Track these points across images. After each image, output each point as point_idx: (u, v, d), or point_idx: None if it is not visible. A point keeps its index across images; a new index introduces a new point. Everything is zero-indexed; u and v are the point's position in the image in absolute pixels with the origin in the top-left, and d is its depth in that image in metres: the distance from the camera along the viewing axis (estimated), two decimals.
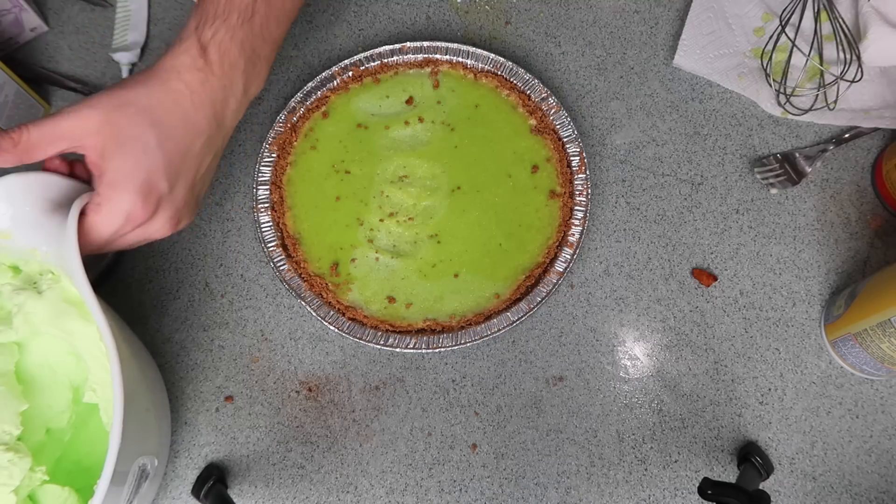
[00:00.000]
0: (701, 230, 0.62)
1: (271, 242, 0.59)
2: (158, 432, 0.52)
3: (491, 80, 0.64)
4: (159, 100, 0.46)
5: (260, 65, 0.51)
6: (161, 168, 0.46)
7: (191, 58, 0.47)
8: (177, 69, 0.47)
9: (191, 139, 0.47)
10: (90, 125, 0.44)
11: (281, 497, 0.55)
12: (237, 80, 0.49)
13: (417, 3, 0.71)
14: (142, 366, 0.51)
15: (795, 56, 0.63)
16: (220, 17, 0.48)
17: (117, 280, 0.61)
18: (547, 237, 0.60)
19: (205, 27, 0.48)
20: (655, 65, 0.68)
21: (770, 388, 0.57)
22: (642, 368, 0.58)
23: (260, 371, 0.59)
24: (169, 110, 0.46)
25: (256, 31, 0.50)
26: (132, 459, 0.44)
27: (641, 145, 0.65)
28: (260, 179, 0.61)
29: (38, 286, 0.48)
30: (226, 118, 0.50)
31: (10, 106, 0.62)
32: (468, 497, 0.55)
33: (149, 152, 0.45)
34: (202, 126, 0.48)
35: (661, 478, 0.55)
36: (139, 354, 0.52)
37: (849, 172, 0.63)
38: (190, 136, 0.47)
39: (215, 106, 0.48)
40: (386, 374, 0.58)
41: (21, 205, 0.45)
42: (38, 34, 0.70)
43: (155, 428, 0.51)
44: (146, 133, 0.45)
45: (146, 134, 0.45)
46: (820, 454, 0.56)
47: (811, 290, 0.60)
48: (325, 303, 0.58)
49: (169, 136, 0.46)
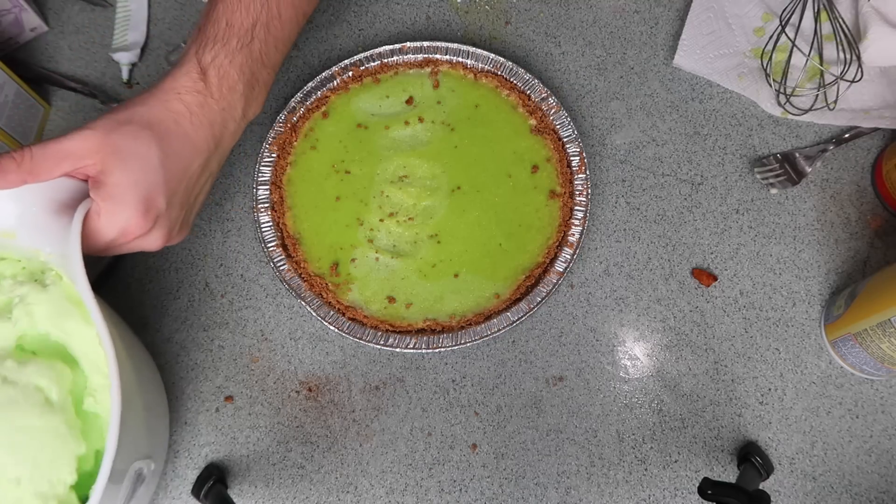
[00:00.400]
0: (701, 230, 0.62)
1: (271, 242, 0.59)
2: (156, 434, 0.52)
3: (491, 80, 0.64)
4: (160, 119, 0.47)
5: (258, 88, 0.52)
6: (161, 185, 0.46)
7: (191, 80, 0.48)
8: (177, 90, 0.48)
9: (189, 159, 0.48)
10: (91, 144, 0.45)
11: (281, 497, 0.55)
12: (236, 103, 0.50)
13: (417, 3, 0.71)
14: (140, 368, 0.50)
15: (795, 56, 0.63)
16: (219, 42, 0.49)
17: (117, 280, 0.61)
18: (547, 237, 0.60)
19: (205, 51, 0.49)
20: (655, 65, 0.68)
21: (770, 388, 0.57)
22: (642, 368, 0.58)
23: (260, 371, 0.59)
24: (169, 130, 0.47)
25: (255, 55, 0.51)
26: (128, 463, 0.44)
27: (641, 145, 0.65)
28: (260, 179, 0.61)
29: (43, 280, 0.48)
30: (224, 140, 0.51)
31: (10, 106, 0.62)
32: (468, 497, 0.55)
33: (150, 169, 0.46)
34: (201, 147, 0.49)
35: (661, 478, 0.55)
36: (139, 356, 0.52)
37: (849, 172, 0.63)
38: (189, 156, 0.48)
39: (214, 128, 0.49)
40: (386, 374, 0.58)
41: (29, 204, 0.45)
42: (38, 34, 0.70)
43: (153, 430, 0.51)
44: (149, 150, 0.46)
45: (149, 151, 0.46)
46: (820, 454, 0.56)
47: (811, 290, 0.60)
48: (325, 303, 0.58)
49: (169, 154, 0.47)
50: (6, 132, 0.61)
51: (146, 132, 0.46)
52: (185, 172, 0.48)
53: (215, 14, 0.50)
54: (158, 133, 0.46)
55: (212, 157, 0.50)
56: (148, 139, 0.46)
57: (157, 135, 0.46)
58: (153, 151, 0.46)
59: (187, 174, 0.48)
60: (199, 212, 0.53)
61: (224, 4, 0.50)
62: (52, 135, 0.66)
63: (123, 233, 0.46)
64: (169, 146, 0.47)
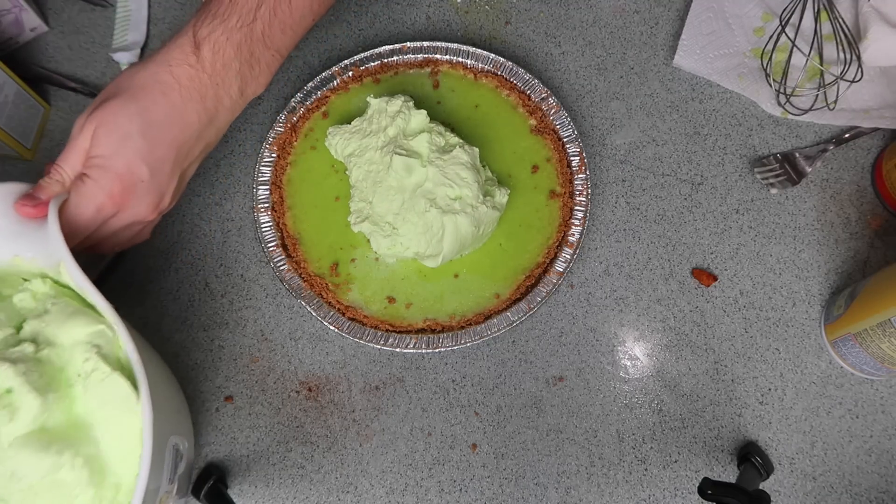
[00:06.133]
0: (701, 230, 0.62)
1: (271, 242, 0.59)
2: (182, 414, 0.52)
3: (491, 80, 0.64)
4: (147, 91, 0.48)
5: (258, 68, 0.52)
6: (143, 154, 0.48)
7: (183, 53, 0.49)
8: (168, 62, 0.48)
9: (178, 130, 0.49)
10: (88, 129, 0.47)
11: (281, 497, 0.55)
12: (231, 80, 0.50)
13: (417, 3, 0.71)
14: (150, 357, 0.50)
15: (795, 56, 0.63)
16: (219, 18, 0.49)
17: (117, 280, 0.61)
18: (547, 237, 0.60)
19: (202, 25, 0.49)
20: (655, 65, 0.68)
21: (770, 388, 0.57)
22: (642, 368, 0.58)
23: (260, 371, 0.59)
24: (156, 101, 0.48)
25: (257, 36, 0.51)
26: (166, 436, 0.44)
27: (641, 145, 0.65)
28: (260, 179, 0.61)
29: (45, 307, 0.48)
30: (219, 115, 0.51)
31: (10, 106, 0.62)
32: (468, 497, 0.55)
33: (129, 138, 0.47)
34: (191, 119, 0.49)
35: (661, 478, 0.55)
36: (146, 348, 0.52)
37: (849, 172, 0.63)
38: (177, 127, 0.49)
39: (205, 101, 0.50)
40: (386, 374, 0.58)
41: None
42: (38, 34, 0.70)
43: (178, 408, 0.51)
44: (130, 122, 0.47)
45: (130, 123, 0.47)
46: (820, 454, 0.56)
47: (811, 290, 0.60)
48: (325, 303, 0.58)
49: (153, 124, 0.48)
50: (6, 132, 0.61)
51: (130, 104, 0.47)
52: (172, 143, 0.49)
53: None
54: (144, 104, 0.47)
55: (206, 130, 0.51)
56: (132, 111, 0.47)
57: (142, 106, 0.47)
58: (135, 123, 0.47)
59: (175, 144, 0.49)
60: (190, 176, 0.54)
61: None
62: (52, 135, 0.66)
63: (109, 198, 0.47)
64: (153, 116, 0.48)
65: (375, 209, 0.56)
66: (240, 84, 0.51)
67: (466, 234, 0.55)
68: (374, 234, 0.56)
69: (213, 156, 0.63)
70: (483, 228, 0.56)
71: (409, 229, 0.55)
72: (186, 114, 0.49)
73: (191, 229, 0.63)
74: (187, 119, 0.49)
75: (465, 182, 0.55)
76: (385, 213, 0.56)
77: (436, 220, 0.54)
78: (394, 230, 0.56)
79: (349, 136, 0.59)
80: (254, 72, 0.52)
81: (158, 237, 0.62)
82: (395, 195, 0.55)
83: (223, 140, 0.64)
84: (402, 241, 0.55)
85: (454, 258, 0.58)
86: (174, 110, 0.48)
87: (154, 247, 0.62)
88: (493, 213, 0.57)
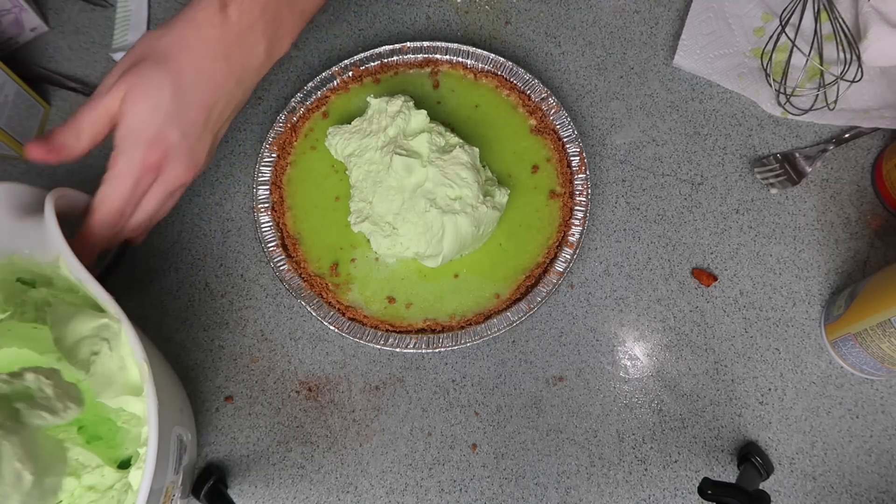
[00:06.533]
0: (701, 230, 0.62)
1: (271, 242, 0.59)
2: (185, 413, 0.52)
3: (491, 80, 0.64)
4: (174, 53, 0.48)
5: (283, 29, 0.52)
6: (174, 118, 0.48)
7: (209, 14, 0.48)
8: (196, 22, 0.48)
9: (207, 92, 0.49)
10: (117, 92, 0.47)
11: (281, 497, 0.55)
12: (257, 41, 0.50)
13: (417, 3, 0.71)
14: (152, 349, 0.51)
15: (795, 56, 0.63)
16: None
17: (118, 280, 0.61)
18: (547, 237, 0.60)
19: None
20: (655, 65, 0.68)
21: (770, 388, 0.57)
22: (642, 368, 0.58)
23: (260, 371, 0.59)
24: (183, 63, 0.48)
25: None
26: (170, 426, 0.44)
27: (641, 145, 0.65)
28: (260, 179, 0.61)
29: None
30: (246, 75, 0.51)
31: (10, 106, 0.62)
32: (468, 497, 0.55)
33: (161, 104, 0.47)
34: (219, 79, 0.49)
35: (661, 478, 0.55)
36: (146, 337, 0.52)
37: (849, 172, 0.63)
38: (206, 88, 0.49)
39: (231, 62, 0.49)
40: (386, 374, 0.58)
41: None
42: (38, 34, 0.70)
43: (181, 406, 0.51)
44: (161, 87, 0.47)
45: (161, 89, 0.47)
46: (820, 454, 0.56)
47: (811, 290, 0.60)
48: (325, 303, 0.58)
49: (182, 87, 0.48)
50: (6, 132, 0.61)
51: (158, 68, 0.47)
52: (203, 105, 0.49)
53: None
54: (173, 67, 0.47)
55: (234, 90, 0.51)
56: (160, 75, 0.47)
57: (171, 69, 0.47)
58: (165, 87, 0.47)
59: (205, 106, 0.49)
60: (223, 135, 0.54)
61: None
62: None
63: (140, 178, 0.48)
64: (183, 79, 0.47)
65: (375, 209, 0.56)
66: (266, 45, 0.51)
67: (466, 234, 0.55)
68: (374, 234, 0.56)
69: None
70: (483, 228, 0.57)
71: (409, 229, 0.55)
72: (214, 75, 0.49)
73: (191, 229, 0.63)
74: (216, 80, 0.49)
75: (465, 182, 0.55)
76: (385, 213, 0.56)
77: (436, 220, 0.54)
78: (394, 230, 0.56)
79: (349, 136, 0.59)
80: (279, 32, 0.51)
81: (158, 237, 0.62)
82: (395, 195, 0.56)
83: (223, 140, 0.64)
84: (402, 241, 0.56)
85: (454, 258, 0.58)
86: (203, 73, 0.48)
87: (154, 247, 0.62)
88: (493, 213, 0.57)
